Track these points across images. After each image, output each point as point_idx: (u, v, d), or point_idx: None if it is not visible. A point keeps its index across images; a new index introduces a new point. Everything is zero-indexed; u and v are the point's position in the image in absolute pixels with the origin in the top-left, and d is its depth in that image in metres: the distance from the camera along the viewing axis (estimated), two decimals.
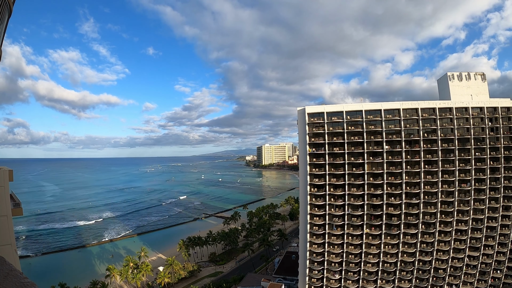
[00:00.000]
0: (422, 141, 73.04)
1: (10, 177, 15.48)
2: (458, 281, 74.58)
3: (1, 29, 15.08)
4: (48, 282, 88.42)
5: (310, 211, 75.70)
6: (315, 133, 76.54)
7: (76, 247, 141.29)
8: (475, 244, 74.03)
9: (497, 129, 73.96)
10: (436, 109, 74.05)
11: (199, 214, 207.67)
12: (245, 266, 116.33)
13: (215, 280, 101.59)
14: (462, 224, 73.78)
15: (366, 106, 75.76)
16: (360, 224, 74.21)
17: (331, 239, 75.61)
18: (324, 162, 74.72)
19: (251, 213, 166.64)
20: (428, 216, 73.51)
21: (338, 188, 74.92)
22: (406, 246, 74.48)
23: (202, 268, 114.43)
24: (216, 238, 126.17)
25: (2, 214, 14.50)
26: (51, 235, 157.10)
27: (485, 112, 73.91)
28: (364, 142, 73.70)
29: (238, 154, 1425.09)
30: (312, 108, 77.68)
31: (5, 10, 14.90)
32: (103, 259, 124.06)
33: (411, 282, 74.73)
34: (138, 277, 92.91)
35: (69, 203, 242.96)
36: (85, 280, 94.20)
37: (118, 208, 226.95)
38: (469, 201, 72.97)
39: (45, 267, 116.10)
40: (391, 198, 73.40)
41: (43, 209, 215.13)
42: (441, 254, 74.27)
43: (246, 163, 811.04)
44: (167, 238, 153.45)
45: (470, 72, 78.99)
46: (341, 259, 75.30)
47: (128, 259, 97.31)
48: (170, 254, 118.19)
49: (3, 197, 14.67)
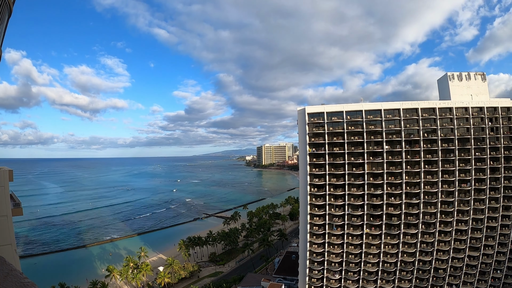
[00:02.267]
0: (422, 141, 72.99)
1: (10, 177, 15.49)
2: (458, 281, 74.55)
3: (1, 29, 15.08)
4: (48, 282, 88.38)
5: (310, 211, 75.68)
6: (315, 133, 76.51)
7: (76, 247, 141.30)
8: (475, 244, 74.00)
9: (497, 129, 73.92)
10: (436, 109, 74.01)
11: (199, 214, 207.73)
12: (245, 266, 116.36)
13: (215, 280, 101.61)
14: (462, 224, 73.76)
15: (366, 106, 75.71)
16: (360, 224, 74.20)
17: (331, 239, 75.58)
18: (324, 162, 74.70)
19: (251, 213, 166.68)
20: (428, 216, 73.48)
21: (338, 188, 74.90)
22: (406, 246, 74.44)
23: (202, 268, 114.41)
24: (216, 238, 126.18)
25: (2, 214, 14.50)
26: (51, 235, 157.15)
27: (485, 112, 73.87)
28: (364, 142, 73.67)
29: (238, 154, 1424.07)
30: (312, 108, 77.62)
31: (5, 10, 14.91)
32: (103, 259, 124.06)
33: (411, 282, 74.71)
34: (138, 277, 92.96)
35: (70, 202, 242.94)
36: (85, 280, 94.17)
37: (118, 208, 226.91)
38: (469, 201, 72.94)
39: (45, 267, 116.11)
40: (391, 198, 73.37)
41: (43, 209, 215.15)
42: (441, 254, 74.24)
43: (246, 163, 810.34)
44: (167, 238, 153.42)
45: (470, 72, 79.01)
46: (341, 259, 75.28)
47: (128, 259, 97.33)
48: (170, 254, 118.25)
49: (3, 197, 14.68)
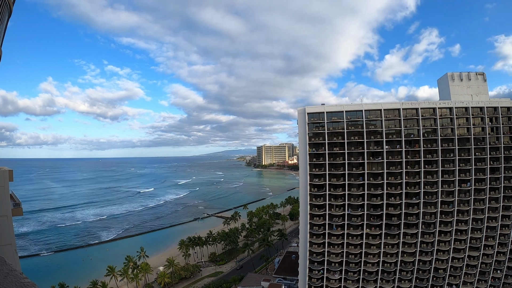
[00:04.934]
0: (422, 141, 73.02)
1: (10, 177, 15.49)
2: (458, 281, 74.56)
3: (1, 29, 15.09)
4: (48, 282, 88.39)
5: (310, 211, 75.71)
6: (315, 133, 76.54)
7: (76, 247, 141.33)
8: (475, 244, 74.02)
9: (497, 129, 73.96)
10: (436, 109, 74.05)
11: (199, 214, 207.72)
12: (245, 266, 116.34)
13: (215, 280, 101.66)
14: (462, 224, 73.77)
15: (366, 106, 75.73)
16: (360, 224, 74.24)
17: (331, 239, 75.61)
18: (324, 162, 74.74)
19: (251, 213, 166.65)
20: (428, 216, 73.50)
21: (338, 188, 74.93)
22: (406, 246, 74.45)
23: (202, 268, 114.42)
24: (216, 238, 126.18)
25: (2, 214, 14.51)
26: (51, 235, 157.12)
27: (485, 112, 73.87)
28: (364, 142, 73.70)
29: (238, 154, 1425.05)
30: (312, 108, 77.65)
31: (5, 10, 14.93)
32: (103, 259, 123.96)
33: (411, 282, 74.73)
34: (138, 277, 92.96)
35: (70, 203, 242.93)
36: (85, 280, 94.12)
37: (119, 208, 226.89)
38: (469, 201, 72.96)
39: (45, 267, 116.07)
40: (391, 198, 73.38)
41: (44, 208, 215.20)
42: (441, 254, 74.25)
43: (246, 163, 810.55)
44: (167, 238, 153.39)
45: (470, 72, 79.04)
46: (341, 259, 75.31)
47: (128, 259, 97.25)
48: (170, 254, 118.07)
49: (3, 197, 14.68)
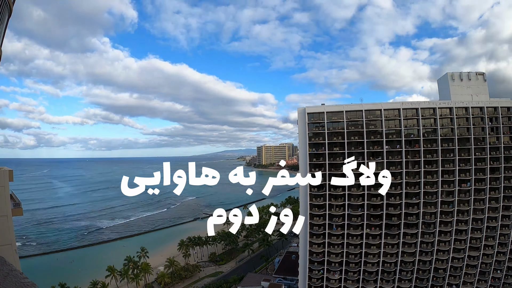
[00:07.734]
0: (422, 141, 73.00)
1: (10, 177, 15.47)
2: (458, 281, 74.52)
3: (1, 29, 15.09)
4: (48, 282, 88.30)
5: (310, 211, 75.72)
6: (315, 133, 76.55)
7: (76, 247, 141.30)
8: (475, 244, 73.96)
9: (497, 129, 73.92)
10: (436, 109, 74.04)
11: (199, 214, 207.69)
12: (245, 266, 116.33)
13: (215, 280, 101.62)
14: (462, 224, 73.73)
15: (366, 106, 75.73)
16: (360, 224, 74.23)
17: (331, 239, 75.61)
18: (324, 162, 74.74)
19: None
20: (428, 216, 73.45)
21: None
22: (406, 246, 74.42)
23: (202, 268, 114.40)
24: (216, 238, 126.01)
25: (2, 214, 14.50)
26: (51, 235, 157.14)
27: (485, 112, 73.84)
28: (364, 142, 73.70)
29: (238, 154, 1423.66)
30: (312, 108, 77.67)
31: (5, 10, 14.93)
32: (103, 259, 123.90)
33: (411, 282, 74.70)
34: (138, 277, 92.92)
35: (70, 202, 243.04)
36: (85, 280, 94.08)
37: (119, 208, 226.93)
38: (469, 201, 72.92)
39: (45, 267, 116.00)
40: (391, 198, 73.35)
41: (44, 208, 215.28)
42: (441, 254, 74.20)
43: (246, 162, 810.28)
44: (167, 238, 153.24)
45: (470, 72, 78.97)
46: (341, 259, 75.29)
47: (128, 259, 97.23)
48: (170, 254, 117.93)
49: (3, 197, 14.67)
